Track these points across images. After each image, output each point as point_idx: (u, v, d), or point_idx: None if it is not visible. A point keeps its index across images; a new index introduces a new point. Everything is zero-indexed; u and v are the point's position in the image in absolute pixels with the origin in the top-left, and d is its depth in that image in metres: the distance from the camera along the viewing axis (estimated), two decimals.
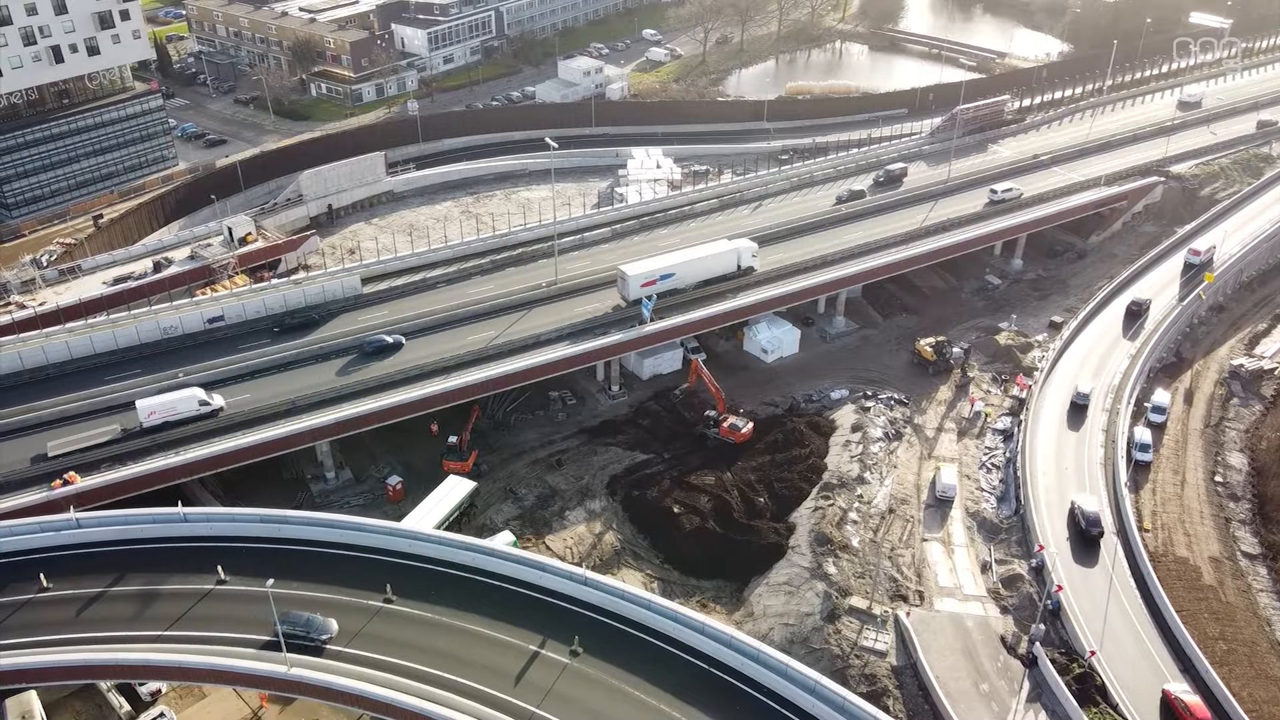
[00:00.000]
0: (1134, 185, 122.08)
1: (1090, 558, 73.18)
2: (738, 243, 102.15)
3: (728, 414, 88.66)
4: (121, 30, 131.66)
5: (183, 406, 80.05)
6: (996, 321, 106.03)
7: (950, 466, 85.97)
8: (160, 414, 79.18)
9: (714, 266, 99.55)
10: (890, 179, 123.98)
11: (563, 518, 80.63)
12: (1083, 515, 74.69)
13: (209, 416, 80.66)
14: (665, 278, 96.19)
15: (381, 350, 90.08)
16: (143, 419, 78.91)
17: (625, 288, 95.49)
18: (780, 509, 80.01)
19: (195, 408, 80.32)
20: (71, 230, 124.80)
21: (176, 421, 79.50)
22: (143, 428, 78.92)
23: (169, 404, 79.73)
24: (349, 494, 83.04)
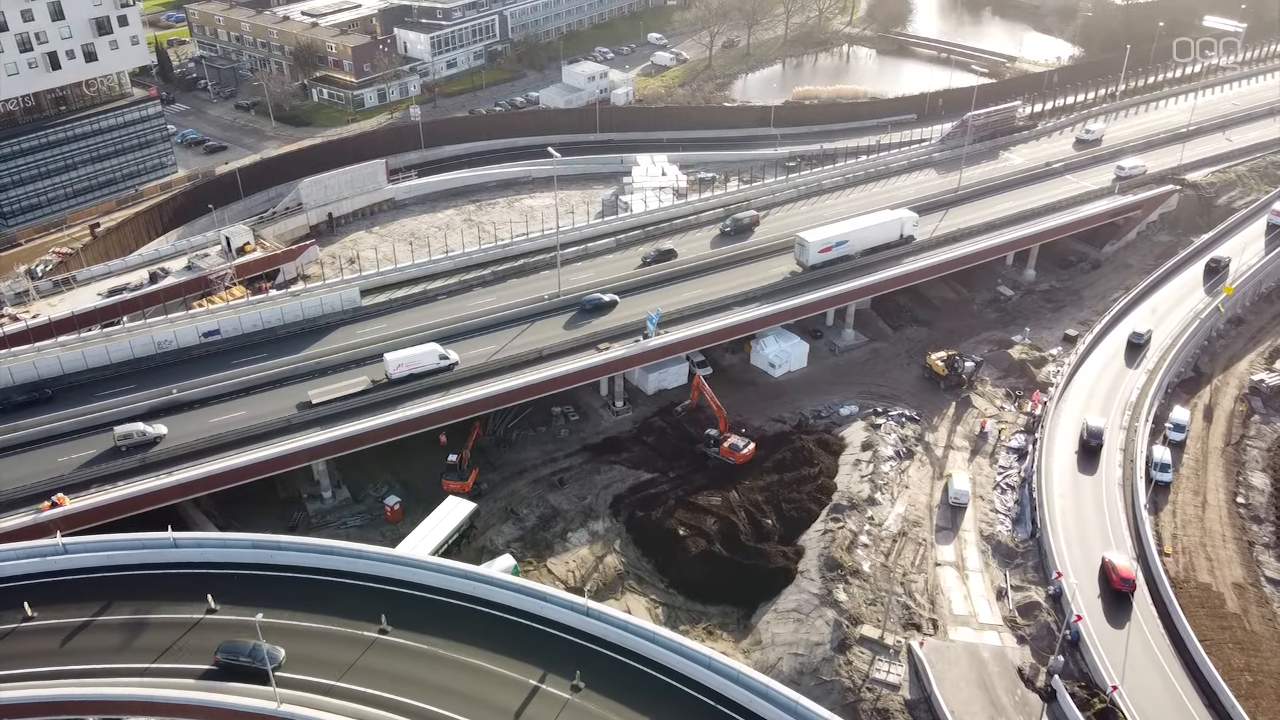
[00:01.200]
0: (1149, 194, 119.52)
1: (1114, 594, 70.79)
2: (900, 212, 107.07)
3: (729, 433, 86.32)
4: (119, 36, 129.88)
5: (426, 360, 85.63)
6: (1009, 334, 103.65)
7: (963, 473, 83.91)
8: (406, 366, 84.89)
9: (881, 235, 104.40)
10: (739, 229, 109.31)
11: (565, 539, 78.46)
12: None
13: (447, 369, 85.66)
14: (840, 244, 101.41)
15: (599, 308, 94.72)
16: (390, 371, 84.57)
17: (804, 254, 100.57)
18: (788, 531, 77.73)
19: (436, 361, 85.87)
20: (68, 239, 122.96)
21: (420, 374, 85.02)
22: (390, 379, 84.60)
23: (414, 357, 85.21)
24: (346, 514, 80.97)
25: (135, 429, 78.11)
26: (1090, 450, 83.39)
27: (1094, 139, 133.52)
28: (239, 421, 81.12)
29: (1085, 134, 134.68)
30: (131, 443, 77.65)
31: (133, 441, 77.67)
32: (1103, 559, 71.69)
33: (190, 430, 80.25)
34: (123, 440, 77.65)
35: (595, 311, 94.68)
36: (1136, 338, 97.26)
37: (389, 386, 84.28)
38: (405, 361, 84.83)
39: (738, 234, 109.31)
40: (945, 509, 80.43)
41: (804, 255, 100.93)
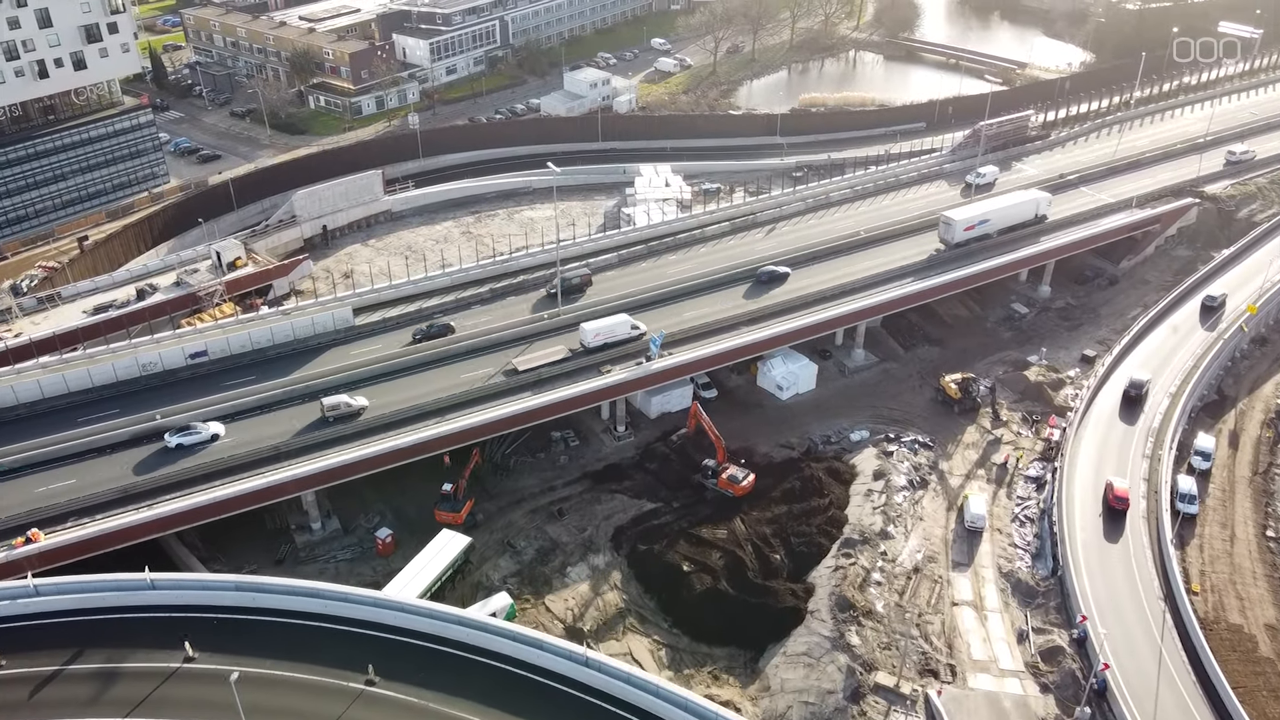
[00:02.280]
0: (1168, 207, 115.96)
1: (1139, 620, 67.47)
2: (1035, 193, 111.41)
3: (728, 464, 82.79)
4: (109, 44, 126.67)
5: (619, 330, 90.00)
6: (1025, 354, 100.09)
7: (979, 495, 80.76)
8: (602, 336, 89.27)
9: (1019, 214, 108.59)
10: (569, 289, 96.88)
11: (564, 574, 75.09)
12: None
13: (637, 339, 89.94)
14: (982, 223, 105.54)
15: (773, 279, 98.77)
16: (588, 340, 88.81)
17: (950, 232, 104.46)
18: (798, 567, 74.25)
19: (628, 331, 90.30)
20: (56, 252, 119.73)
21: (615, 343, 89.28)
22: (587, 348, 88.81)
23: (609, 327, 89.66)
24: (335, 546, 77.58)
25: (341, 400, 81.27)
26: (1132, 400, 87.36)
27: (985, 183, 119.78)
28: (225, 450, 77.80)
29: (976, 178, 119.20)
30: (339, 414, 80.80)
31: (340, 413, 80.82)
32: (1107, 482, 78.64)
33: (173, 457, 76.90)
34: (331, 411, 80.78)
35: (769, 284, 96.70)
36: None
37: (585, 355, 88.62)
38: (601, 331, 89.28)
39: (569, 294, 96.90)
40: (961, 534, 77.16)
41: (949, 234, 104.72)
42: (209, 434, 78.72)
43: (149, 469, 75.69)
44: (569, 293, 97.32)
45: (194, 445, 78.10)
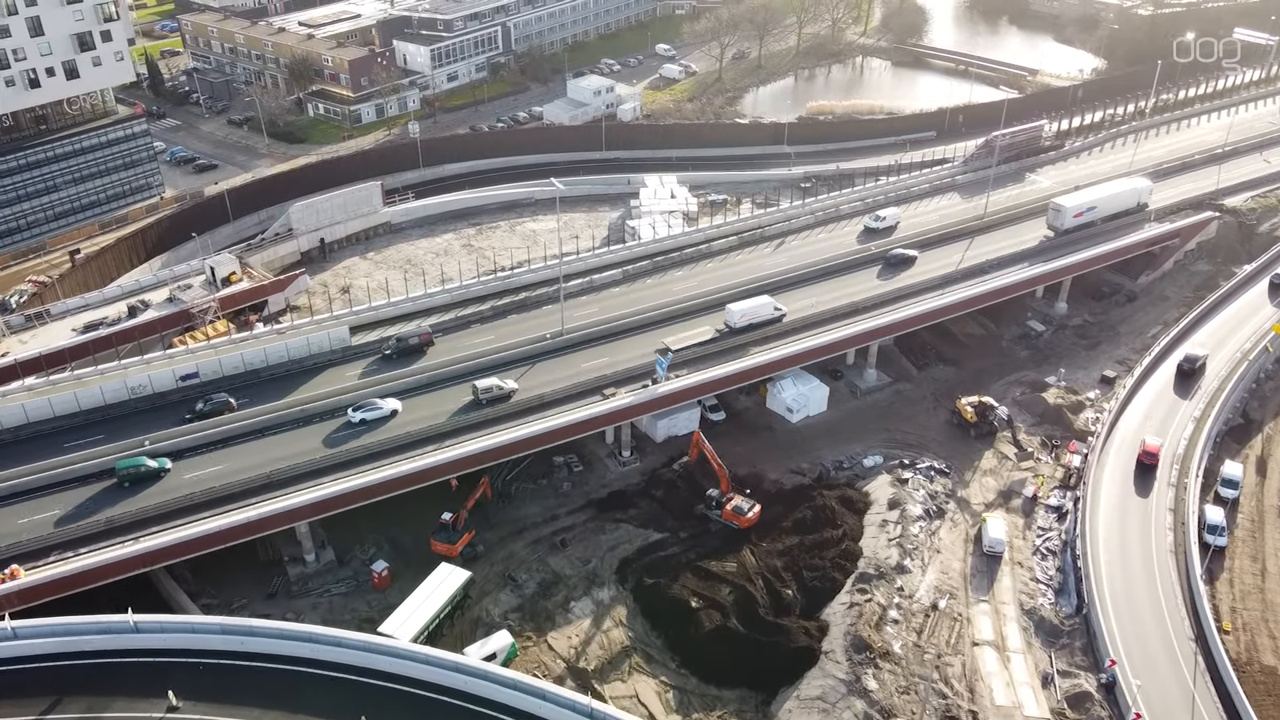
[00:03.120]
0: (1187, 221, 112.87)
1: (1169, 662, 64.48)
2: (1137, 181, 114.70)
3: (733, 494, 79.71)
4: (103, 52, 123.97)
5: (763, 311, 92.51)
6: (1042, 375, 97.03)
7: (998, 519, 77.95)
8: (748, 317, 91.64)
9: (1122, 202, 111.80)
10: (405, 351, 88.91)
11: (567, 610, 72.08)
12: None
13: (779, 320, 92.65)
14: (1090, 210, 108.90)
15: (904, 262, 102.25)
16: (734, 321, 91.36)
17: (1059, 219, 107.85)
18: (810, 603, 71.15)
19: (771, 312, 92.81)
20: (47, 266, 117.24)
21: (759, 323, 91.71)
22: (732, 328, 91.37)
23: (754, 308, 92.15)
24: (330, 579, 74.55)
25: (494, 383, 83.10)
26: (1186, 374, 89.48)
27: (884, 227, 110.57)
28: (215, 478, 74.88)
29: (874, 222, 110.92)
30: (492, 395, 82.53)
31: (493, 395, 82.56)
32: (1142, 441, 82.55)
33: (161, 487, 74.06)
34: (485, 394, 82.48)
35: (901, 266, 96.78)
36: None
37: (732, 335, 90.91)
38: (747, 312, 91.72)
39: (404, 357, 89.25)
40: (980, 567, 74.19)
41: (1059, 220, 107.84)
42: (389, 409, 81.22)
43: (134, 498, 72.73)
44: (406, 354, 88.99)
45: (375, 420, 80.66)
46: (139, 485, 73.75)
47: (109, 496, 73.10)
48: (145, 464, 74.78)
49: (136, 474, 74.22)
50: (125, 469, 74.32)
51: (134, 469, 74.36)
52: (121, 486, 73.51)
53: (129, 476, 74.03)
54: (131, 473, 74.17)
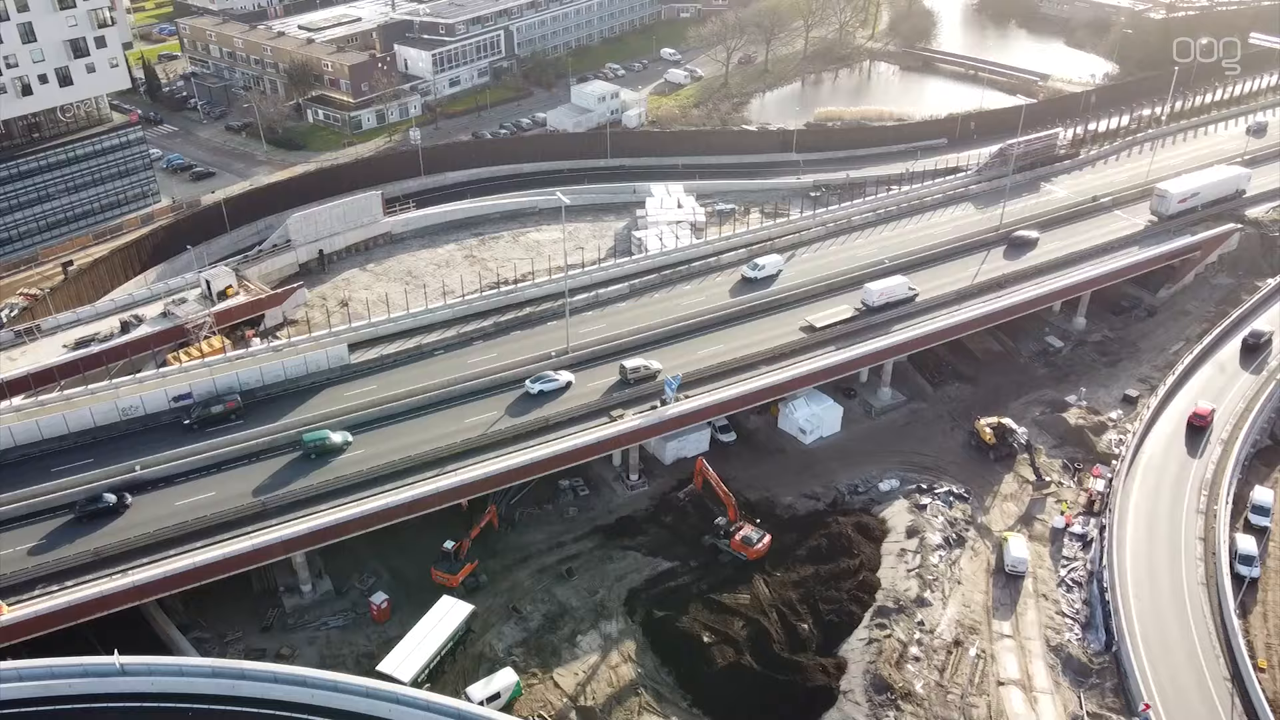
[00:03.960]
0: (1209, 233, 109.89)
1: (1204, 704, 61.65)
2: (1237, 169, 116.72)
3: (742, 523, 76.59)
4: (97, 59, 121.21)
5: (898, 291, 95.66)
6: (1062, 394, 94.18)
7: (1019, 537, 75.62)
8: (885, 296, 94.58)
9: (1224, 189, 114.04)
10: (209, 420, 79.73)
11: (574, 644, 69.21)
12: None
13: (912, 299, 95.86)
14: (1194, 195, 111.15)
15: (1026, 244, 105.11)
16: (871, 300, 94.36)
17: (1164, 204, 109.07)
18: (828, 638, 68.33)
19: (906, 291, 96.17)
20: (40, 278, 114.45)
21: (895, 302, 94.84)
22: (870, 306, 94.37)
23: (890, 288, 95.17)
24: (326, 611, 71.67)
25: (640, 363, 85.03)
26: (1252, 349, 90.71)
27: (763, 276, 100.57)
28: (208, 505, 72.09)
29: (752, 270, 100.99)
30: (640, 375, 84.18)
31: (640, 374, 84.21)
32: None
33: (152, 515, 71.17)
34: (633, 374, 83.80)
35: None
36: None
37: (870, 314, 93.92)
38: (885, 290, 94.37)
39: (207, 426, 79.46)
40: (1004, 599, 71.43)
41: (1164, 206, 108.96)
42: (564, 381, 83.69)
43: (122, 527, 69.90)
44: (209, 423, 79.72)
45: (553, 391, 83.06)
46: (132, 514, 70.93)
47: (99, 524, 70.25)
48: (329, 438, 76.83)
49: (322, 447, 76.36)
50: (311, 443, 76.33)
51: (319, 443, 76.38)
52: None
53: (315, 449, 76.20)
54: (317, 446, 76.29)
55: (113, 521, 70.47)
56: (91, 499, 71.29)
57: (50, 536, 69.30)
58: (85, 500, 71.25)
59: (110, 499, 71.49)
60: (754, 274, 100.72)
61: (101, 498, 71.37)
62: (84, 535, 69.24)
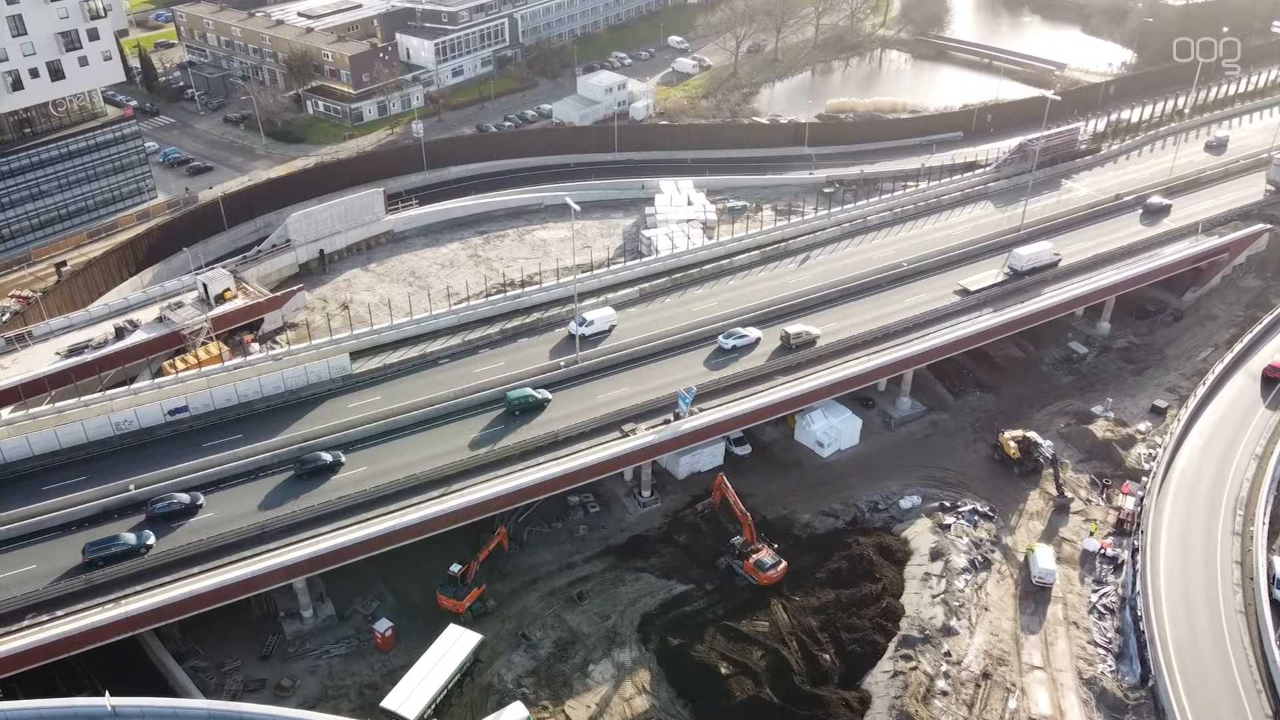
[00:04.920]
0: (1237, 235, 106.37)
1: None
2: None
3: (759, 545, 73.46)
4: (89, 51, 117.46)
5: (1045, 256, 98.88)
6: (1087, 404, 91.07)
7: (1046, 547, 73.49)
8: (1033, 260, 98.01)
9: None
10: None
11: (586, 673, 66.57)
12: None
13: (1056, 265, 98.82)
14: None
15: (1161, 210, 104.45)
16: (1020, 265, 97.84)
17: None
18: (850, 669, 65.60)
19: (1051, 257, 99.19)
20: (32, 279, 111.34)
21: (1040, 267, 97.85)
22: (1018, 271, 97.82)
23: (1037, 253, 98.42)
24: (329, 639, 68.92)
25: (802, 329, 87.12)
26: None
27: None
28: (205, 527, 69.30)
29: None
30: (801, 340, 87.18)
31: (802, 340, 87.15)
32: None
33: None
34: (795, 339, 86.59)
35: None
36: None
37: (1017, 279, 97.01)
38: (1032, 256, 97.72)
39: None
40: (1032, 624, 68.77)
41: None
42: (754, 337, 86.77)
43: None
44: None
45: (744, 347, 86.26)
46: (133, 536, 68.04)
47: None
48: (531, 395, 79.89)
49: (526, 404, 79.41)
50: (516, 400, 79.55)
51: (523, 400, 79.55)
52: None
53: (519, 407, 79.33)
54: (521, 403, 79.36)
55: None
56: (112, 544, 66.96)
57: (41, 560, 66.51)
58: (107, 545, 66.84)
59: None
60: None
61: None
62: (76, 559, 66.40)
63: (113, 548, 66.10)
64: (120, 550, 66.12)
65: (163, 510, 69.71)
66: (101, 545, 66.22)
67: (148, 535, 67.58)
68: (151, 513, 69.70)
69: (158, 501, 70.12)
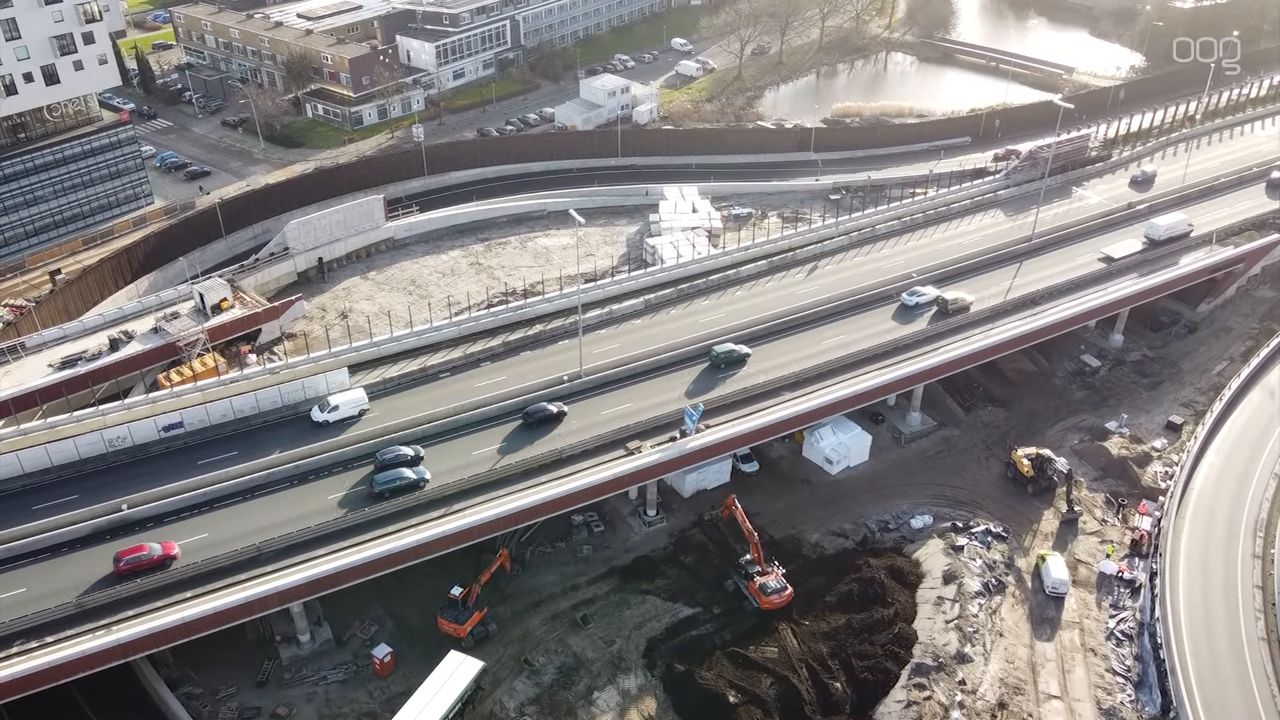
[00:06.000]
0: (1252, 245, 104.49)
1: None
2: None
3: (767, 567, 71.67)
4: (85, 55, 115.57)
5: (1181, 226, 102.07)
6: (1102, 419, 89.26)
7: (1058, 556, 72.35)
8: (1170, 230, 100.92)
9: None
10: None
11: (590, 701, 64.79)
12: None
13: (1188, 235, 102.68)
14: None
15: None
16: (1157, 235, 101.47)
17: None
18: (862, 699, 63.82)
19: (1187, 228, 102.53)
20: (26, 287, 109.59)
21: (1176, 237, 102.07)
22: (1155, 241, 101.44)
23: (1175, 223, 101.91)
24: (326, 664, 67.16)
25: (960, 296, 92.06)
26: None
27: (337, 419, 78.73)
28: (201, 549, 67.44)
29: (322, 412, 79.40)
30: (958, 306, 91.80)
31: (959, 305, 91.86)
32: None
33: None
34: (953, 305, 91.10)
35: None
36: None
37: (1153, 248, 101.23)
38: (1170, 226, 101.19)
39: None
40: (1050, 653, 67.02)
41: None
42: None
43: (109, 573, 65.33)
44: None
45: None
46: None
47: (83, 574, 65.58)
48: (735, 350, 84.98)
49: (730, 357, 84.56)
50: (721, 355, 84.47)
51: (728, 354, 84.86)
52: (94, 562, 65.94)
53: (724, 360, 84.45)
54: (726, 356, 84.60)
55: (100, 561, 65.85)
56: None
57: (32, 584, 64.63)
58: None
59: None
60: (324, 417, 78.86)
61: None
62: (68, 583, 64.60)
63: (398, 481, 71.29)
64: (404, 484, 71.39)
65: (390, 460, 73.44)
66: (389, 479, 71.34)
67: (424, 470, 72.33)
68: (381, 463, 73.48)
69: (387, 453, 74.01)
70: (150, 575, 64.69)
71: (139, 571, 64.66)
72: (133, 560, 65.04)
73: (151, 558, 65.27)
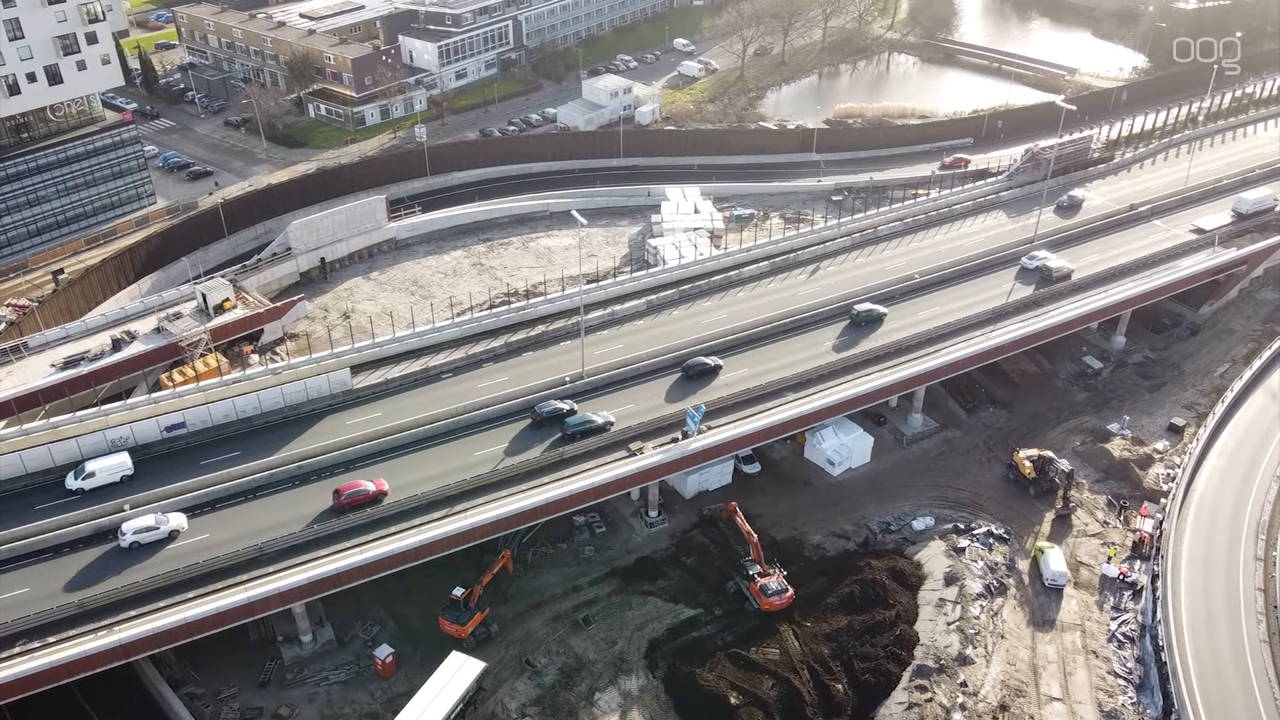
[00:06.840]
0: (1255, 246, 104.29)
1: None
2: None
3: (768, 570, 71.61)
4: (88, 55, 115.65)
5: (1267, 202, 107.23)
6: (1104, 421, 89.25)
7: (1056, 549, 72.54)
8: (1257, 205, 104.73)
9: None
10: None
11: (592, 702, 64.84)
12: None
13: (1273, 210, 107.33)
14: None
15: None
16: (1244, 209, 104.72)
17: None
18: (863, 700, 63.88)
19: (1273, 203, 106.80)
20: (28, 287, 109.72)
21: (1262, 211, 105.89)
22: (1242, 215, 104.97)
23: (1263, 198, 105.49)
24: (328, 665, 67.25)
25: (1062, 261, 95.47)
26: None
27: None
28: (201, 550, 67.51)
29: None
30: None
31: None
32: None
33: (142, 562, 66.61)
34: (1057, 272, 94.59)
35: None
36: None
37: (1243, 220, 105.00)
38: (1257, 201, 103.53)
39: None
40: (1049, 648, 66.95)
41: None
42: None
43: (111, 574, 65.39)
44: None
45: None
46: (116, 558, 66.31)
47: (84, 574, 65.70)
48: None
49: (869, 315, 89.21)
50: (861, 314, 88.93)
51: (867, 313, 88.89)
52: (95, 562, 66.05)
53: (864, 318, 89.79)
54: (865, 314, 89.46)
55: (101, 570, 65.90)
56: None
57: (34, 584, 64.64)
58: None
59: None
60: (78, 484, 71.69)
61: None
62: (69, 583, 64.69)
63: (588, 424, 76.70)
64: (594, 427, 76.84)
65: (548, 414, 78.02)
66: (580, 422, 76.78)
67: (609, 415, 78.05)
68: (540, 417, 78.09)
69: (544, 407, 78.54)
70: (363, 510, 69.81)
71: (356, 505, 69.88)
72: (352, 495, 70.13)
73: (367, 493, 70.43)
